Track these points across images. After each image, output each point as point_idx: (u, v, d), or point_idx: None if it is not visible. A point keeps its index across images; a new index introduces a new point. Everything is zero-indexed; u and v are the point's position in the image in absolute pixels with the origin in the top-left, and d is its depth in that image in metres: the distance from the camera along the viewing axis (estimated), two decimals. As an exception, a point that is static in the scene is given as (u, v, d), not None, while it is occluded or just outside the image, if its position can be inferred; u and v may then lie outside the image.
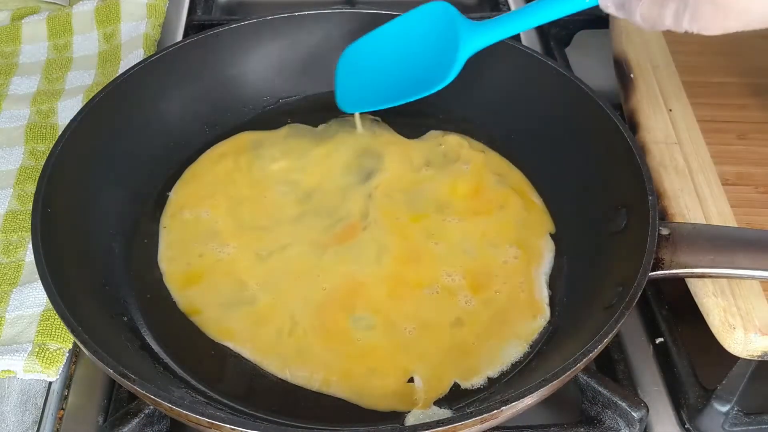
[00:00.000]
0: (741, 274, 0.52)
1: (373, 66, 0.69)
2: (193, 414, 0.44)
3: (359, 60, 0.70)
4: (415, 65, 0.66)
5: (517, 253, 0.63)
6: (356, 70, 0.70)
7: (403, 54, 0.67)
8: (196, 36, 0.72)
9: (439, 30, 0.65)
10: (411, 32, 0.68)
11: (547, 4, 0.59)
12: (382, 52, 0.69)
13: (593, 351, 0.47)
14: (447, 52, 0.63)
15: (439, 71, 0.64)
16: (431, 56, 0.65)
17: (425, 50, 0.66)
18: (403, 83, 0.67)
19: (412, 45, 0.67)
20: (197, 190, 0.68)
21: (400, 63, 0.67)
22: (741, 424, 0.56)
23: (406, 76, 0.67)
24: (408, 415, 0.53)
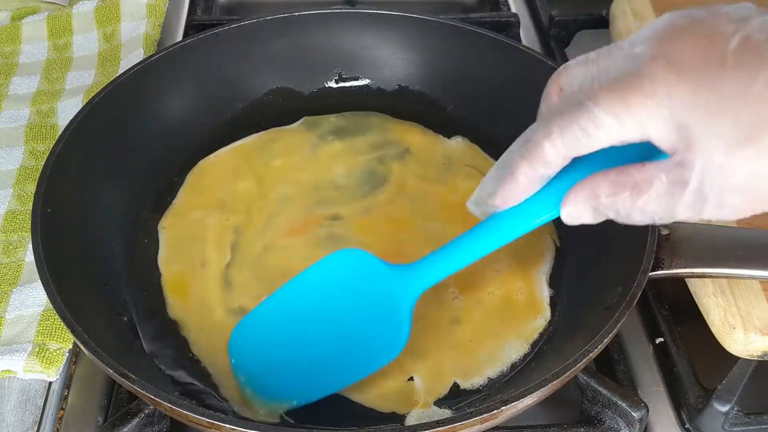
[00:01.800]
0: (741, 274, 0.52)
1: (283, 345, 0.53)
2: (193, 414, 0.44)
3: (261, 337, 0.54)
4: (342, 335, 0.51)
5: (510, 262, 0.62)
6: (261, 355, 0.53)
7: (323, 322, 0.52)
8: (196, 36, 0.72)
9: (361, 285, 0.51)
10: (325, 291, 0.52)
11: (490, 234, 0.47)
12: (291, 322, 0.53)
13: (593, 351, 0.47)
14: (382, 312, 0.50)
15: (384, 338, 0.50)
16: (360, 320, 0.51)
17: (349, 315, 0.51)
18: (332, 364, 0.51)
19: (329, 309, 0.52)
20: (202, 193, 0.68)
21: (321, 335, 0.52)
22: (741, 424, 0.56)
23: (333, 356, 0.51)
24: (408, 415, 0.53)
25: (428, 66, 0.76)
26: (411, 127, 0.74)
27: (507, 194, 0.44)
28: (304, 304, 0.52)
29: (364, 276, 0.51)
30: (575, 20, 0.89)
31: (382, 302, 0.50)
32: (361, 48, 0.77)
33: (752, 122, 0.36)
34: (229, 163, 0.71)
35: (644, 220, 0.40)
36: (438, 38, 0.74)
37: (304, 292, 0.53)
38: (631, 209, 0.40)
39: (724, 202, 0.38)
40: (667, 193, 0.39)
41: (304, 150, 0.72)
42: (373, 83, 0.78)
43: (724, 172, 0.37)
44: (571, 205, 0.42)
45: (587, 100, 0.38)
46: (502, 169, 0.44)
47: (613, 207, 0.40)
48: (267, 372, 0.53)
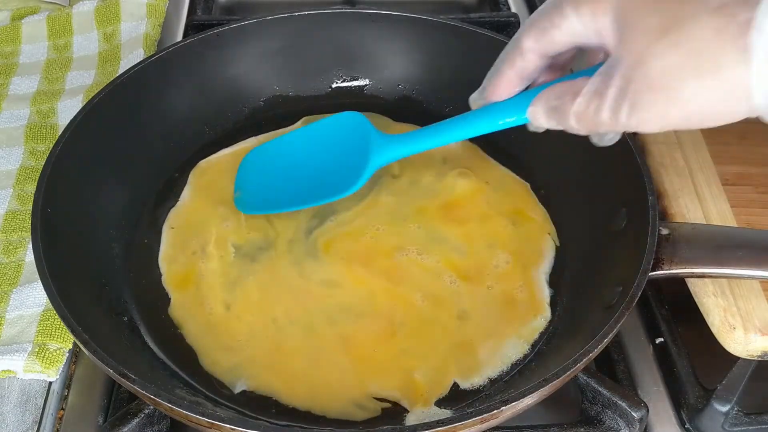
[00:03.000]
0: (741, 274, 0.52)
1: (278, 169, 0.67)
2: (193, 414, 0.44)
3: (264, 162, 0.68)
4: (323, 170, 0.64)
5: (508, 259, 0.63)
6: (260, 172, 0.68)
7: (312, 159, 0.66)
8: (196, 36, 0.72)
9: (351, 139, 0.63)
10: (322, 138, 0.66)
11: (464, 123, 0.53)
12: (290, 155, 0.67)
13: (593, 351, 0.47)
14: (357, 160, 0.61)
15: (347, 178, 0.61)
16: (341, 163, 0.63)
17: (335, 157, 0.64)
18: (309, 187, 0.64)
19: (322, 151, 0.65)
20: (205, 192, 0.68)
21: (308, 167, 0.66)
22: (741, 424, 0.56)
23: (313, 181, 0.64)
24: (408, 415, 0.53)
25: (428, 66, 0.76)
26: (410, 128, 0.74)
27: (494, 87, 0.50)
28: (300, 143, 0.67)
29: (353, 131, 0.63)
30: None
31: (359, 154, 0.61)
32: (361, 48, 0.77)
33: (672, 15, 0.38)
34: (231, 163, 0.71)
35: (578, 127, 0.44)
36: (438, 38, 0.74)
37: (303, 136, 0.68)
38: (569, 114, 0.44)
39: (639, 100, 0.40)
40: (596, 93, 0.42)
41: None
42: (373, 83, 0.78)
43: (642, 65, 0.39)
44: (531, 107, 0.47)
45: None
46: (493, 67, 0.50)
47: (558, 111, 0.45)
48: (260, 186, 0.66)
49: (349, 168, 0.61)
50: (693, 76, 0.38)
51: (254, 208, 0.65)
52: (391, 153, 0.60)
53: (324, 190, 0.63)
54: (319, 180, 0.64)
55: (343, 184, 0.61)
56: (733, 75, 0.37)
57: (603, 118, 0.42)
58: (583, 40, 0.44)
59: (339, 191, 0.61)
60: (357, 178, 0.60)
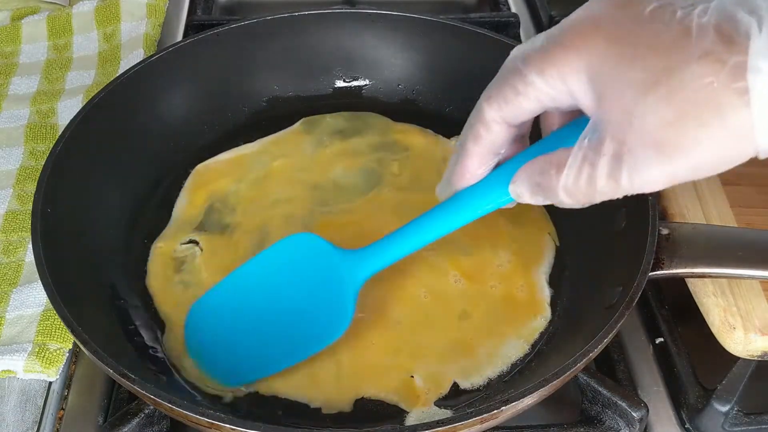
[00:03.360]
0: (741, 274, 0.52)
1: (237, 323, 0.55)
2: (193, 414, 0.44)
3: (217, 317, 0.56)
4: (295, 314, 0.53)
5: (510, 258, 0.63)
6: (216, 332, 0.55)
7: (275, 302, 0.54)
8: (196, 36, 0.72)
9: (313, 267, 0.53)
10: (278, 273, 0.54)
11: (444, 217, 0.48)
12: (245, 305, 0.55)
13: (593, 351, 0.47)
14: (330, 294, 0.52)
15: (329, 318, 0.52)
16: (309, 301, 0.53)
17: (302, 293, 0.53)
18: (284, 340, 0.53)
19: (285, 289, 0.54)
20: (202, 193, 0.68)
21: (273, 314, 0.54)
22: (741, 424, 0.56)
23: (287, 330, 0.53)
24: (408, 415, 0.53)
25: (428, 66, 0.76)
26: (410, 128, 0.74)
27: (462, 168, 0.46)
28: (256, 285, 0.55)
29: (315, 259, 0.53)
30: (575, 20, 0.89)
31: (330, 285, 0.52)
32: (361, 48, 0.77)
33: (657, 67, 0.36)
34: (230, 164, 0.71)
35: (571, 201, 0.41)
36: (438, 38, 0.74)
37: (257, 274, 0.55)
38: (556, 187, 0.41)
39: (639, 161, 0.37)
40: (585, 162, 0.39)
41: (304, 151, 0.72)
42: (373, 83, 0.78)
43: (635, 123, 0.37)
44: (512, 186, 0.44)
45: (519, 64, 0.41)
46: (456, 152, 0.46)
47: (543, 187, 0.42)
48: (218, 350, 0.55)
49: (326, 302, 0.52)
50: (694, 125, 0.36)
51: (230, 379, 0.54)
52: (366, 269, 0.51)
53: (306, 339, 0.53)
54: (293, 327, 0.53)
55: (326, 326, 0.52)
56: (736, 119, 0.35)
57: (599, 187, 0.39)
58: (553, 104, 0.41)
59: (325, 335, 0.52)
60: (341, 314, 0.51)
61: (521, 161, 0.44)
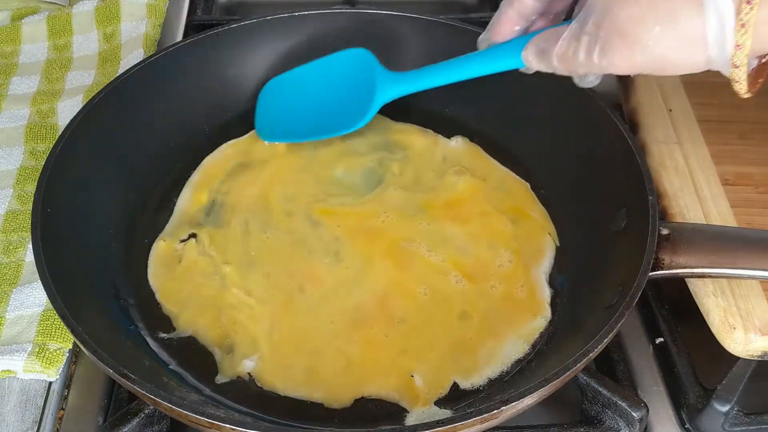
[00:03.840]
0: (741, 274, 0.52)
1: (294, 100, 0.71)
2: (193, 414, 0.44)
3: (282, 93, 0.73)
4: (334, 105, 0.69)
5: (510, 257, 0.63)
6: (278, 102, 0.72)
7: (324, 92, 0.70)
8: (196, 36, 0.72)
9: (359, 75, 0.68)
10: (333, 73, 0.70)
11: (467, 63, 0.59)
12: (304, 88, 0.72)
13: (593, 351, 0.47)
14: (364, 96, 0.66)
15: (355, 114, 0.66)
16: (350, 98, 0.68)
17: (345, 92, 0.69)
18: (321, 120, 0.69)
19: (333, 85, 0.70)
20: (202, 193, 0.68)
21: (321, 101, 0.70)
22: (741, 424, 0.56)
23: (325, 114, 0.69)
24: (408, 415, 0.53)
25: (428, 66, 0.76)
26: (410, 128, 0.74)
27: (497, 25, 0.56)
28: (315, 77, 0.71)
29: (362, 70, 0.68)
30: (575, 20, 0.89)
31: (367, 91, 0.66)
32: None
33: None
34: (230, 163, 0.71)
35: (561, 68, 0.50)
36: (438, 38, 0.74)
37: (318, 69, 0.71)
38: (552, 55, 0.49)
39: (607, 44, 0.45)
40: (573, 37, 0.47)
41: (304, 150, 0.72)
42: (373, 83, 0.78)
43: (609, 13, 0.44)
44: (524, 51, 0.53)
45: None
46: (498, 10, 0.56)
47: (545, 53, 0.50)
48: (278, 116, 0.71)
49: (358, 102, 0.66)
50: (653, 25, 0.43)
51: (274, 137, 0.70)
52: (396, 89, 0.64)
53: (336, 123, 0.68)
54: (331, 113, 0.69)
55: (351, 118, 0.66)
56: (689, 26, 0.42)
57: (579, 59, 0.47)
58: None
59: (349, 125, 0.67)
60: (364, 113, 0.65)
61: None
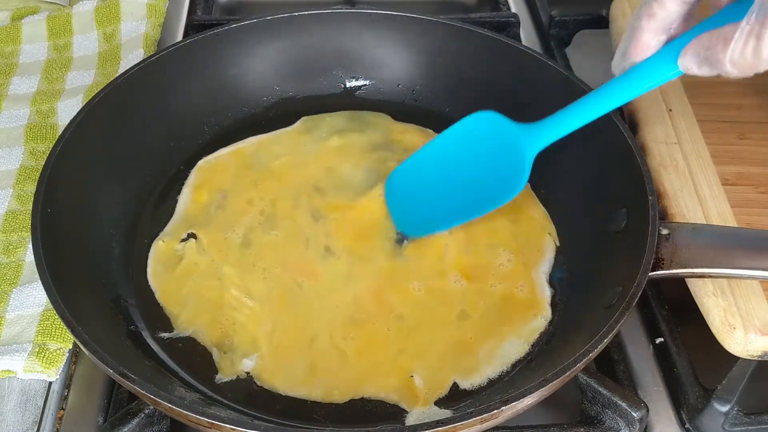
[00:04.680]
0: (741, 274, 0.52)
1: (427, 185, 0.65)
2: (193, 414, 0.44)
3: (411, 181, 0.66)
4: (476, 177, 0.62)
5: (510, 257, 0.63)
6: (411, 192, 0.66)
7: (456, 169, 0.63)
8: (196, 36, 0.72)
9: (492, 138, 0.61)
10: (463, 144, 0.63)
11: (614, 91, 0.53)
12: (433, 170, 0.65)
13: (593, 351, 0.47)
14: (508, 160, 0.59)
15: (507, 181, 0.59)
16: (490, 167, 0.61)
17: (481, 162, 0.62)
18: (466, 199, 0.62)
19: (465, 158, 0.63)
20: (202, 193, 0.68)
21: (456, 179, 0.63)
22: (741, 424, 0.56)
23: (469, 189, 0.62)
24: (408, 415, 0.53)
25: (428, 66, 0.76)
26: (411, 128, 0.74)
27: (638, 43, 0.51)
28: (444, 155, 0.64)
29: (494, 132, 0.61)
30: (575, 20, 0.89)
31: (509, 153, 0.59)
32: (361, 48, 0.77)
33: None
34: (230, 163, 0.71)
35: (736, 71, 0.46)
36: (438, 38, 0.74)
37: (445, 147, 0.64)
38: (724, 61, 0.46)
39: None
40: (751, 35, 0.44)
41: (304, 150, 0.72)
42: (373, 83, 0.78)
43: None
44: (681, 58, 0.49)
45: None
46: (630, 28, 0.51)
47: (710, 59, 0.47)
48: (410, 208, 0.65)
49: (505, 168, 0.59)
50: None
51: (419, 230, 0.64)
52: (542, 139, 0.58)
53: (484, 197, 0.61)
54: (474, 188, 0.62)
55: (502, 189, 0.59)
56: None
57: (765, 56, 0.44)
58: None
59: (503, 194, 0.59)
60: (519, 176, 0.58)
61: (689, 37, 0.49)
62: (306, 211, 0.66)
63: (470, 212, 0.62)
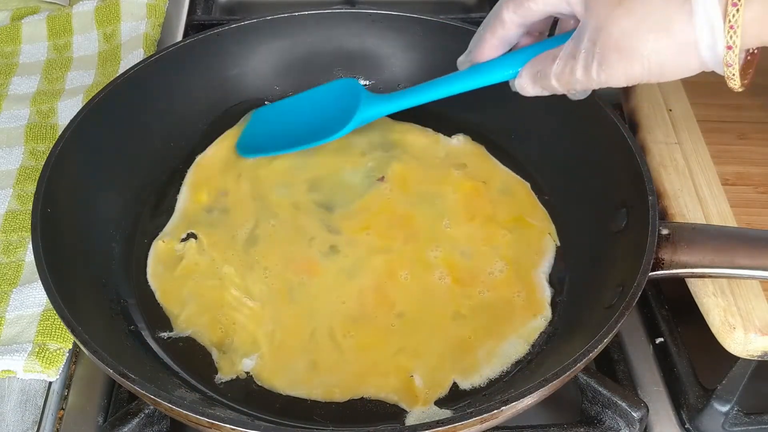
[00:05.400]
0: (741, 274, 0.52)
1: (278, 123, 0.73)
2: (193, 414, 0.44)
3: (267, 118, 0.74)
4: (317, 123, 0.71)
5: (503, 267, 0.62)
6: (262, 126, 0.74)
7: (307, 116, 0.72)
8: (196, 36, 0.72)
9: (344, 100, 0.70)
10: (319, 100, 0.73)
11: (453, 80, 0.60)
12: (289, 114, 0.73)
13: (593, 351, 0.47)
14: (346, 115, 0.68)
15: (335, 127, 0.68)
16: (332, 117, 0.69)
17: (329, 113, 0.70)
18: (300, 135, 0.71)
19: (317, 110, 0.72)
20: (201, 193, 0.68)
21: (303, 123, 0.72)
22: (741, 424, 0.56)
23: (305, 131, 0.71)
24: (408, 415, 0.53)
25: (428, 66, 0.76)
26: (411, 127, 0.74)
27: (479, 50, 0.57)
28: (303, 104, 0.73)
29: (348, 96, 0.69)
30: (575, 20, 0.89)
31: (350, 110, 0.67)
32: (361, 48, 0.77)
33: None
34: (228, 162, 0.71)
35: (559, 87, 0.51)
36: (438, 38, 0.74)
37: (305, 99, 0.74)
38: (550, 76, 0.51)
39: (605, 59, 0.47)
40: (570, 56, 0.49)
41: (305, 151, 0.72)
42: (373, 83, 0.78)
43: (605, 30, 0.47)
44: (518, 80, 0.55)
45: None
46: (477, 34, 0.58)
47: (541, 75, 0.52)
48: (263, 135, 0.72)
49: (340, 120, 0.68)
50: (647, 36, 0.45)
51: (253, 151, 0.71)
52: (378, 108, 0.66)
53: (315, 136, 0.69)
54: (313, 129, 0.71)
55: (331, 130, 0.68)
56: (682, 33, 0.44)
57: (577, 76, 0.49)
58: (556, 10, 0.51)
59: (327, 135, 0.68)
60: (344, 125, 0.67)
61: (530, 52, 0.55)
62: (306, 211, 0.66)
63: (298, 144, 0.70)
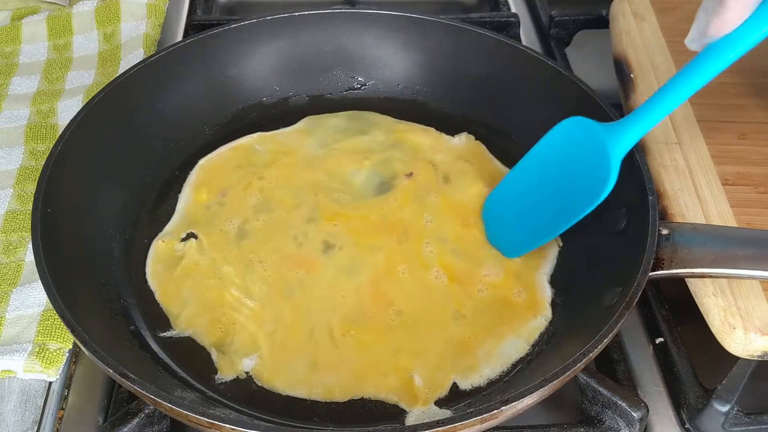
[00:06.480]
0: (741, 274, 0.52)
1: (522, 203, 0.64)
2: (193, 414, 0.44)
3: (506, 201, 0.65)
4: (565, 188, 0.60)
5: (499, 271, 0.62)
6: (506, 212, 0.65)
7: (550, 181, 0.62)
8: (196, 36, 0.72)
9: (579, 145, 0.59)
10: (551, 156, 0.62)
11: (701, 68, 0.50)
12: (527, 186, 0.64)
13: (593, 351, 0.47)
14: (596, 164, 0.56)
15: (594, 185, 0.56)
16: (579, 174, 0.58)
17: (570, 171, 0.60)
18: (558, 210, 0.60)
19: (557, 167, 0.61)
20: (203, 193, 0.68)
21: (549, 191, 0.62)
22: (741, 424, 0.56)
23: (559, 202, 0.60)
24: (408, 415, 0.53)
25: (428, 66, 0.76)
26: (413, 127, 0.74)
27: (720, 23, 0.47)
28: (536, 171, 0.63)
29: (581, 137, 0.58)
30: (575, 20, 0.89)
31: (595, 157, 0.57)
32: (361, 48, 0.77)
33: None
34: (231, 161, 0.71)
35: None
36: (438, 38, 0.74)
37: (536, 161, 0.63)
38: None
39: None
40: None
41: (306, 150, 0.72)
42: (373, 83, 0.78)
43: None
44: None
45: None
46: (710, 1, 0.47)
47: None
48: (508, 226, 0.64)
49: (592, 172, 0.57)
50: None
51: (520, 249, 0.63)
52: (628, 137, 0.55)
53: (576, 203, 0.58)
54: (564, 197, 0.60)
55: (590, 194, 0.57)
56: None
57: None
58: None
59: (589, 202, 0.57)
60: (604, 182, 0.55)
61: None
62: (307, 211, 0.66)
63: (561, 223, 0.60)
